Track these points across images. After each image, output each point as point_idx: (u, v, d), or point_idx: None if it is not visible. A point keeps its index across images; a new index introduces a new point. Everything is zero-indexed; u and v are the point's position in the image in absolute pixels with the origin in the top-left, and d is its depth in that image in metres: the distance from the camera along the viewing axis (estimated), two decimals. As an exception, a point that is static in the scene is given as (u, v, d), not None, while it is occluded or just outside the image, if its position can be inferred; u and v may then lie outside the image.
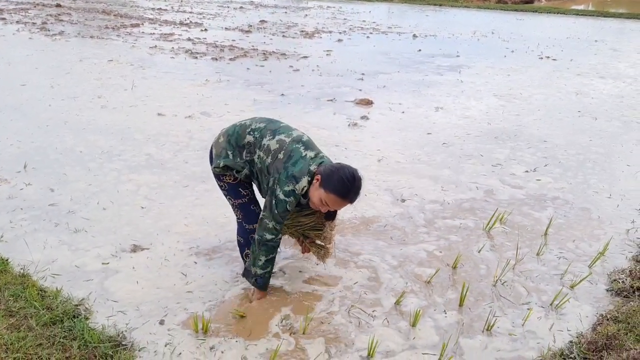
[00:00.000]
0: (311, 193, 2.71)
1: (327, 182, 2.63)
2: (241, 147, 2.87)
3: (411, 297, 3.06)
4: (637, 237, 3.81)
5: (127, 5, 18.23)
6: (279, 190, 2.68)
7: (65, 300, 2.82)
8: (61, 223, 3.69)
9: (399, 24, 15.79)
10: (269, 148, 2.77)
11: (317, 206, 2.73)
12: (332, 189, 2.62)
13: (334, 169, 2.67)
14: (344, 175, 2.64)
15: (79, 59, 9.25)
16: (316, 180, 2.67)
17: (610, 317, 2.83)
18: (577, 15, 19.95)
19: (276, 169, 2.72)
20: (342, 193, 2.64)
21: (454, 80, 8.77)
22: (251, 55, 10.25)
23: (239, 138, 2.87)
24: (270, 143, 2.78)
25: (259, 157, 2.80)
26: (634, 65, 10.52)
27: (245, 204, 3.02)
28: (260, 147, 2.80)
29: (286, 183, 2.67)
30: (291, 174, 2.68)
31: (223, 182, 3.00)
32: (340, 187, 2.62)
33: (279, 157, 2.73)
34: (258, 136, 2.83)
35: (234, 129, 2.93)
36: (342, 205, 2.73)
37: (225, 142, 2.92)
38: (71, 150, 5.06)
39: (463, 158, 5.30)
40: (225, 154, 2.90)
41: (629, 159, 5.42)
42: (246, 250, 3.10)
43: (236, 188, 2.99)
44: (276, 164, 2.73)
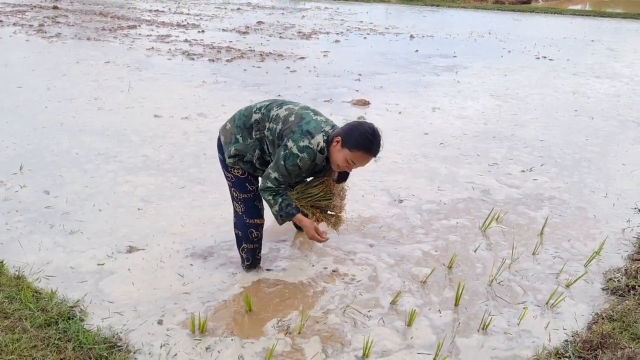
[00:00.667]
0: (334, 155, 2.76)
1: (349, 140, 2.69)
2: (249, 128, 2.90)
3: (407, 296, 3.07)
4: (632, 236, 3.81)
5: (124, 7, 18.22)
6: (292, 144, 2.71)
7: (60, 302, 2.82)
8: (56, 225, 3.69)
9: (396, 24, 15.80)
10: (279, 116, 2.83)
11: (342, 167, 2.78)
12: (355, 145, 2.68)
13: (352, 127, 2.75)
14: (365, 131, 2.70)
15: (76, 61, 9.24)
16: (336, 142, 2.73)
17: (606, 315, 2.83)
18: (574, 15, 19.97)
19: (290, 129, 2.75)
20: (367, 147, 2.70)
21: (450, 81, 8.78)
22: (248, 57, 10.25)
23: (246, 119, 2.92)
24: (279, 112, 2.84)
25: (269, 129, 2.84)
26: (630, 65, 10.53)
27: (250, 199, 3.05)
28: (269, 119, 2.85)
29: (301, 139, 2.71)
30: (305, 130, 2.73)
31: (231, 174, 3.03)
32: (364, 143, 2.69)
33: (290, 120, 2.79)
34: (265, 111, 2.89)
35: (240, 114, 2.98)
36: (367, 161, 2.79)
37: (233, 127, 2.95)
38: (67, 152, 5.06)
39: (460, 158, 5.30)
40: (234, 139, 2.93)
41: (625, 158, 5.43)
42: (243, 244, 3.14)
43: (243, 182, 3.02)
44: (289, 126, 2.77)
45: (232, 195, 3.10)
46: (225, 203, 4.10)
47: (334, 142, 2.74)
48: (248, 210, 3.07)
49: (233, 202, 3.13)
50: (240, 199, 3.07)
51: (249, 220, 3.08)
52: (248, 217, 3.08)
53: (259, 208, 3.10)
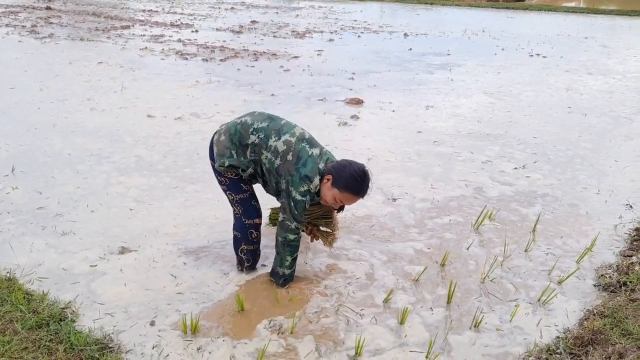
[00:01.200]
0: (323, 192, 2.85)
1: (339, 180, 2.78)
2: (244, 147, 2.91)
3: (399, 295, 3.07)
4: (624, 233, 3.83)
5: (118, 7, 18.18)
6: (295, 192, 2.80)
7: (52, 304, 2.81)
8: (48, 226, 3.68)
9: (390, 23, 15.82)
10: (277, 149, 2.85)
11: (330, 203, 2.89)
12: (344, 186, 2.78)
13: (343, 166, 2.81)
14: (355, 173, 2.78)
15: (69, 62, 9.21)
16: (327, 180, 2.81)
17: (597, 312, 2.84)
18: (567, 12, 20.03)
19: (287, 171, 2.81)
20: (355, 190, 2.80)
21: (444, 79, 8.79)
22: (242, 56, 10.24)
23: (242, 137, 2.91)
24: (277, 144, 2.85)
25: (267, 158, 2.87)
26: (623, 61, 10.58)
27: (246, 199, 3.07)
28: (267, 148, 2.87)
29: (300, 184, 2.79)
30: (304, 175, 2.79)
31: (224, 178, 3.04)
32: (352, 184, 2.78)
33: (288, 159, 2.82)
34: (263, 137, 2.88)
35: (235, 128, 2.95)
36: (355, 201, 2.88)
37: (228, 141, 2.94)
38: (60, 153, 5.04)
39: (453, 156, 5.31)
40: (229, 153, 2.93)
41: (617, 154, 5.45)
42: (242, 245, 3.15)
43: (238, 183, 3.03)
44: (287, 166, 2.82)
45: (229, 199, 3.11)
46: (219, 203, 4.11)
47: (325, 180, 2.83)
48: (246, 211, 3.09)
49: (231, 205, 3.14)
50: (237, 201, 3.07)
51: (247, 221, 3.10)
52: (247, 217, 3.10)
53: (256, 208, 3.13)
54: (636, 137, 6.00)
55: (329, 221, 3.21)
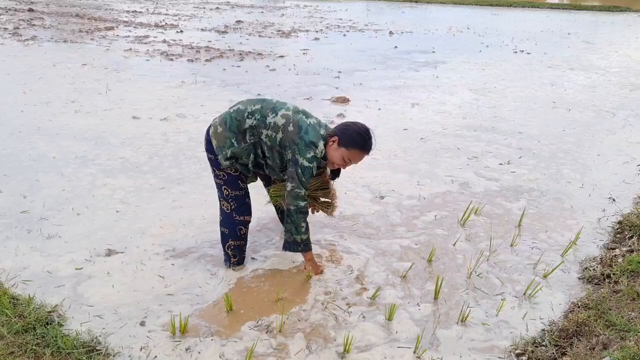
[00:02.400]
0: (331, 154, 2.96)
1: (346, 139, 2.91)
2: (243, 132, 2.96)
3: (387, 291, 3.09)
4: (607, 226, 3.88)
5: (102, 9, 18.03)
6: (302, 159, 2.87)
7: (38, 307, 2.79)
8: (33, 230, 3.65)
9: (375, 21, 15.86)
10: (276, 124, 2.90)
11: (339, 164, 3.00)
12: (352, 144, 2.91)
13: (347, 127, 2.97)
14: (359, 130, 2.94)
15: (52, 64, 9.13)
16: (332, 141, 2.93)
17: (581, 304, 2.88)
18: (551, 8, 20.22)
19: (292, 141, 2.87)
20: (362, 146, 2.94)
21: (429, 76, 8.84)
22: (227, 56, 10.21)
23: (239, 124, 2.95)
24: (275, 120, 2.91)
25: (267, 135, 2.92)
26: (605, 57, 10.70)
27: (241, 197, 3.12)
28: (265, 126, 2.92)
29: (307, 151, 2.86)
30: (309, 141, 2.87)
31: (223, 172, 3.07)
32: (359, 141, 2.92)
33: (289, 130, 2.88)
34: (259, 117, 2.94)
35: (230, 117, 2.98)
36: (362, 158, 3.02)
37: (227, 131, 2.97)
38: (44, 156, 5.00)
39: (439, 152, 5.35)
40: (229, 143, 2.96)
41: (600, 149, 5.52)
42: (230, 241, 3.18)
43: (236, 180, 3.08)
44: (290, 136, 2.88)
45: (222, 194, 3.12)
46: (206, 203, 4.10)
47: (330, 142, 2.94)
48: (239, 207, 3.13)
49: (221, 200, 3.15)
50: (231, 197, 3.10)
51: (238, 218, 3.14)
52: (238, 214, 3.13)
53: (248, 205, 3.17)
54: (618, 131, 6.08)
55: (326, 192, 3.24)
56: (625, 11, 18.63)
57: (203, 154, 5.08)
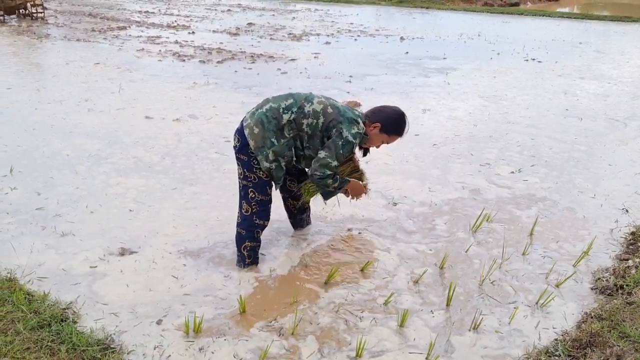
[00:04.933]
0: (372, 137, 3.15)
1: (389, 127, 3.12)
2: (281, 129, 3.01)
3: (399, 297, 3.09)
4: (620, 237, 3.87)
5: (114, 8, 18.13)
6: (347, 132, 2.98)
7: (53, 304, 2.81)
8: (48, 227, 3.68)
9: (386, 26, 15.86)
10: (316, 111, 3.01)
11: (376, 146, 3.23)
12: (395, 131, 3.15)
13: (387, 113, 3.15)
14: (400, 118, 3.16)
15: (66, 62, 9.19)
16: (374, 127, 3.10)
17: (594, 315, 2.88)
18: (561, 17, 20.14)
19: (335, 120, 3.00)
20: (402, 132, 3.19)
21: (441, 82, 8.83)
22: (239, 58, 10.25)
23: (277, 122, 3.00)
24: (313, 107, 3.02)
25: (309, 124, 3.01)
26: (617, 66, 10.65)
27: (266, 202, 3.17)
28: (305, 116, 3.01)
29: (351, 127, 2.99)
30: (351, 118, 3.03)
31: (255, 175, 3.08)
32: (401, 129, 3.17)
33: (329, 112, 3.01)
34: (296, 110, 3.01)
35: (266, 116, 3.01)
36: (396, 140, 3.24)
37: (265, 131, 2.99)
38: (58, 153, 5.04)
39: (452, 158, 5.35)
40: (269, 143, 3.00)
41: (612, 158, 5.49)
42: (246, 242, 3.22)
43: (265, 185, 3.13)
44: (332, 117, 3.00)
45: (248, 196, 3.14)
46: (219, 205, 4.12)
47: (372, 127, 3.11)
48: (261, 212, 3.18)
49: (243, 201, 3.17)
50: (257, 200, 3.13)
51: (258, 222, 3.19)
52: (259, 218, 3.18)
53: (269, 211, 3.24)
54: (630, 141, 6.05)
55: (358, 175, 3.31)
56: (637, 21, 18.56)
57: (215, 155, 5.15)
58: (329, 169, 2.98)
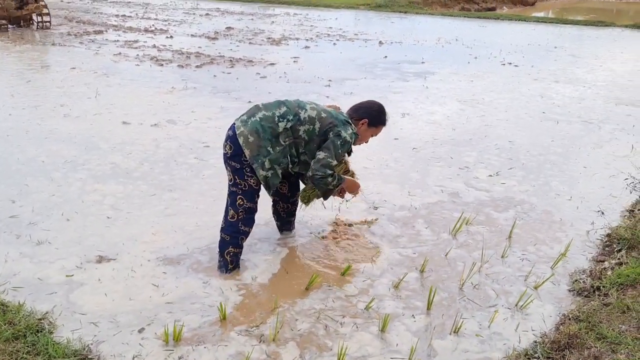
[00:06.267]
0: (362, 134, 3.36)
1: (375, 120, 3.36)
2: (277, 137, 3.07)
3: (380, 302, 3.09)
4: (596, 238, 3.93)
5: (90, 12, 17.91)
6: (344, 133, 3.15)
7: (28, 315, 2.75)
8: (23, 235, 3.60)
9: (365, 30, 15.93)
10: (311, 117, 3.13)
11: (366, 141, 3.45)
12: (380, 122, 3.40)
13: (369, 108, 3.39)
14: (380, 109, 3.41)
15: (41, 67, 9.05)
16: (362, 123, 3.32)
17: (572, 316, 2.91)
18: (537, 22, 20.44)
19: (330, 124, 3.14)
20: (385, 122, 3.44)
21: (419, 87, 8.90)
22: (218, 62, 10.19)
23: (273, 130, 3.06)
24: (309, 114, 3.13)
25: (306, 130, 3.11)
26: (591, 70, 10.84)
27: (253, 210, 3.20)
28: (301, 122, 3.10)
29: (346, 128, 3.18)
30: (345, 120, 3.22)
31: (245, 182, 3.10)
32: (384, 119, 3.42)
33: (323, 116, 3.15)
34: (292, 118, 3.09)
35: (261, 125, 3.04)
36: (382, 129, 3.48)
37: (260, 140, 3.03)
38: (33, 160, 4.95)
39: (431, 161, 5.38)
40: (265, 151, 3.04)
41: (586, 161, 5.58)
42: (230, 248, 3.22)
43: (254, 193, 3.16)
44: (326, 121, 3.15)
45: (236, 202, 3.15)
46: (198, 211, 4.09)
47: (360, 124, 3.32)
48: (247, 219, 3.20)
49: (230, 207, 3.17)
50: (244, 207, 3.15)
51: (244, 228, 3.21)
52: (244, 225, 3.20)
53: (254, 219, 3.26)
54: (605, 144, 6.16)
55: (350, 175, 3.45)
56: (609, 26, 18.94)
57: (194, 160, 5.11)
58: (330, 168, 3.10)
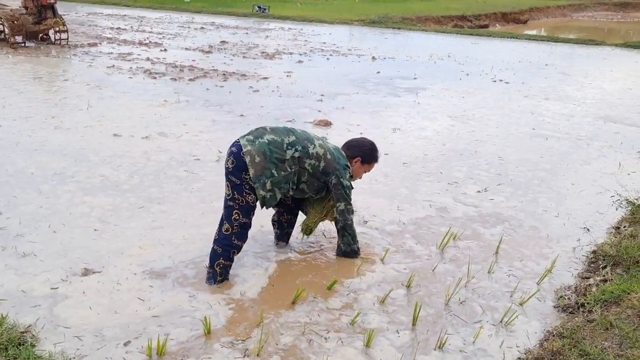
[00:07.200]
0: (356, 172, 3.61)
1: (367, 157, 3.62)
2: (283, 162, 3.18)
3: (366, 316, 3.09)
4: (582, 255, 3.95)
5: (85, 25, 17.96)
6: (345, 180, 3.40)
7: (11, 327, 2.73)
8: (8, 247, 3.59)
9: (358, 46, 16.05)
10: (318, 154, 3.31)
11: (359, 177, 3.71)
12: (373, 159, 3.66)
13: (361, 146, 3.65)
14: (372, 147, 3.66)
15: (33, 78, 9.05)
16: (356, 161, 3.57)
17: (556, 333, 2.92)
18: (528, 40, 20.67)
19: (334, 168, 3.36)
20: (377, 159, 3.70)
21: (411, 102, 8.96)
22: (211, 76, 10.24)
23: (280, 156, 3.17)
24: (317, 150, 3.31)
25: (311, 164, 3.28)
26: (581, 88, 10.96)
27: (247, 225, 3.27)
28: (309, 156, 3.27)
29: (346, 173, 3.43)
30: (345, 165, 3.45)
31: (243, 198, 3.17)
32: (376, 156, 3.69)
33: (328, 158, 3.34)
34: (301, 149, 3.24)
35: (269, 148, 3.14)
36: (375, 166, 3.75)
37: (266, 162, 3.13)
38: (22, 171, 4.94)
39: (421, 176, 5.41)
40: (269, 173, 3.14)
41: (574, 178, 5.63)
42: (220, 260, 3.25)
43: (250, 210, 3.24)
44: (330, 164, 3.35)
45: (232, 217, 3.20)
46: (185, 224, 4.09)
47: (354, 162, 3.57)
48: (241, 234, 3.26)
49: (227, 221, 3.22)
50: (239, 222, 3.20)
51: (236, 242, 3.26)
52: (237, 239, 3.25)
53: (247, 234, 3.33)
54: (593, 161, 6.22)
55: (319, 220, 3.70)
56: (600, 44, 19.19)
57: (184, 173, 5.12)
58: (352, 214, 3.51)
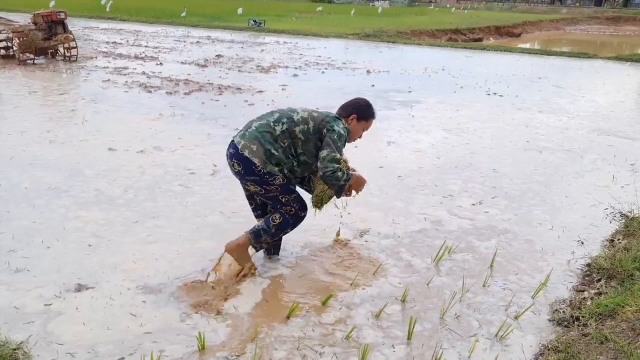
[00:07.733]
0: (354, 129, 3.56)
1: (363, 113, 3.58)
2: (276, 139, 3.28)
3: (360, 331, 3.08)
4: (577, 268, 3.96)
5: (82, 39, 18.00)
6: (337, 127, 3.35)
7: (2, 344, 2.71)
8: (1, 262, 3.56)
9: (353, 59, 16.14)
10: (304, 117, 3.36)
11: (358, 136, 3.66)
12: (369, 115, 3.62)
13: (357, 104, 3.62)
14: (367, 103, 3.65)
15: (28, 92, 9.06)
16: (352, 119, 3.54)
17: (551, 347, 2.92)
18: (522, 53, 20.84)
19: (323, 121, 3.37)
20: (374, 114, 3.67)
21: (405, 115, 9.00)
22: (206, 90, 10.27)
23: (271, 135, 3.28)
24: (301, 115, 3.37)
25: (301, 130, 3.32)
26: (574, 101, 11.04)
27: (298, 196, 3.46)
28: (296, 124, 3.32)
29: (337, 123, 3.38)
30: (334, 116, 3.44)
31: (275, 184, 3.30)
32: (372, 111, 3.65)
33: (315, 116, 3.39)
34: (286, 120, 3.32)
35: (259, 133, 3.27)
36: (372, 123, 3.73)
37: (262, 145, 3.24)
38: (16, 186, 4.92)
39: (416, 189, 5.42)
40: (269, 153, 3.25)
41: (568, 190, 5.65)
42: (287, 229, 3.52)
43: (288, 185, 3.38)
44: (319, 119, 3.37)
45: (281, 202, 3.39)
46: (180, 239, 4.07)
47: (350, 120, 3.53)
48: (301, 205, 3.47)
49: (282, 207, 3.41)
50: (292, 199, 3.41)
51: (303, 213, 3.50)
52: (303, 210, 3.49)
53: (305, 202, 3.52)
54: (586, 174, 6.24)
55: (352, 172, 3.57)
56: (593, 58, 19.36)
57: (179, 187, 5.11)
58: (337, 161, 3.28)
